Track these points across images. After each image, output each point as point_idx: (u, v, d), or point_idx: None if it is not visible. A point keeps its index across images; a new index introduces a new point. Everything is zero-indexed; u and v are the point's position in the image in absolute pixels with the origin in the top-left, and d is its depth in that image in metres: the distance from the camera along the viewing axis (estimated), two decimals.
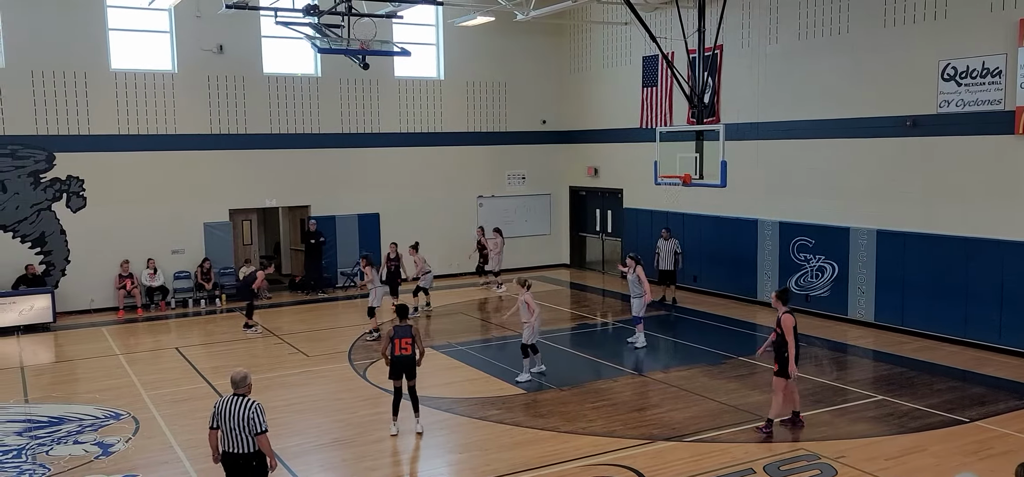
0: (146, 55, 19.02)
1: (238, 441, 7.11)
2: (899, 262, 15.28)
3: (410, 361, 10.15)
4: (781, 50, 17.28)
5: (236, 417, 7.07)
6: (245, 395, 7.21)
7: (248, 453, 7.13)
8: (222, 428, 7.17)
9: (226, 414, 7.13)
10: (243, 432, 7.08)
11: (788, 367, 9.95)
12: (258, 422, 7.09)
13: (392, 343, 10.11)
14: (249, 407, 7.12)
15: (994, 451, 9.38)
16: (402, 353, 10.10)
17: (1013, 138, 13.33)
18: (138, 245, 18.77)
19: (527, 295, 12.51)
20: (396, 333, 10.15)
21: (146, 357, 14.76)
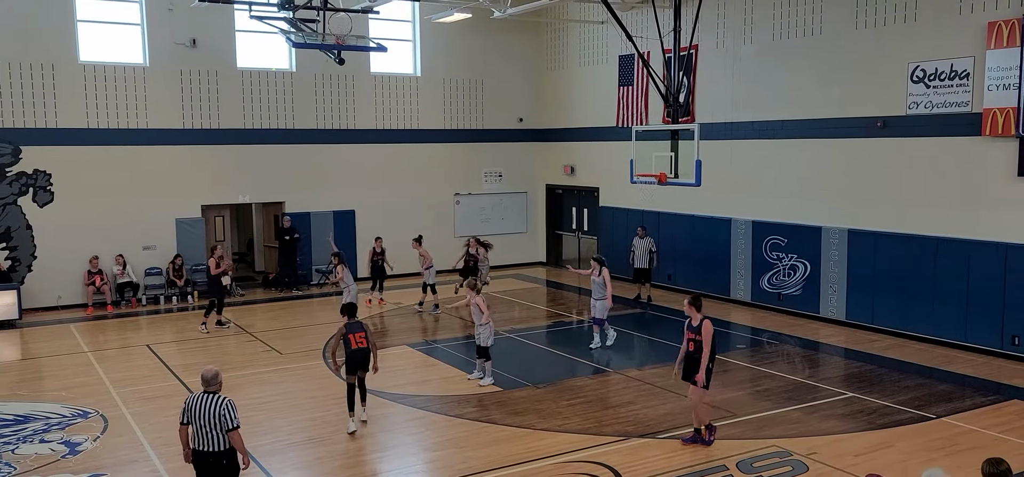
0: (116, 47, 18.73)
1: (210, 439, 7.04)
2: (870, 261, 15.50)
3: (365, 354, 10.43)
4: (755, 50, 17.44)
5: (208, 414, 7.01)
6: (216, 392, 7.14)
7: (220, 450, 7.06)
8: (193, 426, 7.09)
9: (197, 411, 7.05)
10: (215, 429, 7.02)
11: (700, 375, 9.53)
12: (230, 418, 7.04)
13: (346, 338, 10.39)
14: (221, 403, 7.06)
15: (960, 447, 9.56)
16: (358, 347, 10.36)
17: (980, 140, 13.57)
18: (108, 241, 18.49)
19: (478, 299, 12.37)
20: (348, 329, 10.44)
21: (116, 354, 14.55)
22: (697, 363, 9.58)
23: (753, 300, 17.86)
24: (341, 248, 18.25)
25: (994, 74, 13.15)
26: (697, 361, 9.59)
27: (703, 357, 9.54)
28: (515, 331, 16.04)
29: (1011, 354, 13.42)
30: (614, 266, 20.98)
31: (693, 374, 9.63)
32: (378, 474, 9.27)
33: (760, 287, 17.65)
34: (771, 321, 16.60)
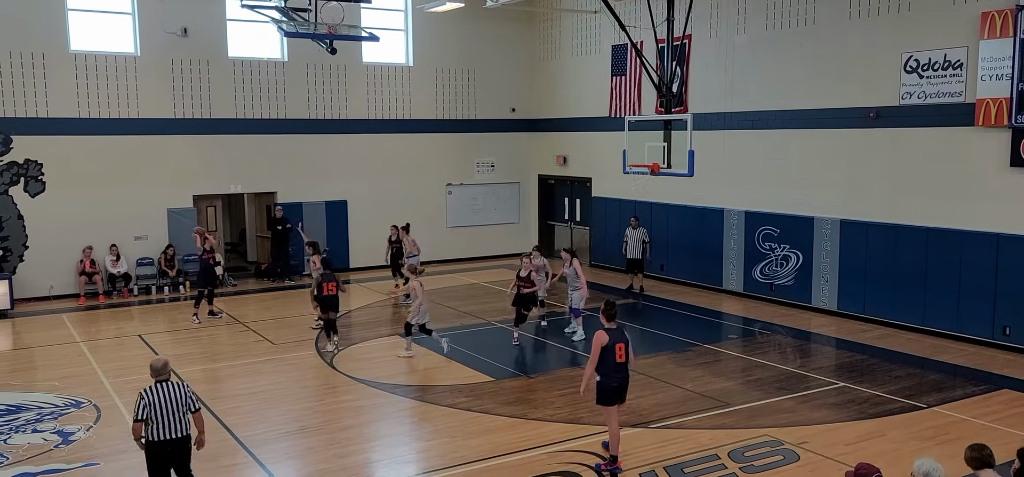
0: (107, 37, 18.61)
1: (180, 424, 7.15)
2: (861, 251, 15.55)
3: (334, 299, 13.63)
4: (749, 41, 17.44)
5: (176, 400, 7.12)
6: (168, 379, 7.25)
7: (187, 435, 7.24)
8: (156, 417, 7.08)
9: (162, 402, 7.09)
10: (184, 414, 7.19)
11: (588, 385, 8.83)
12: (194, 401, 7.29)
13: (320, 286, 13.54)
14: (184, 388, 7.25)
15: (950, 436, 9.61)
16: (329, 293, 13.55)
17: (973, 130, 13.61)
18: (99, 231, 18.41)
19: (417, 280, 13.36)
20: (323, 279, 13.63)
21: (108, 344, 14.51)
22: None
23: (745, 290, 17.90)
24: (329, 245, 18.24)
25: (987, 64, 13.18)
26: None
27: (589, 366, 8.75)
28: (507, 322, 16.03)
29: (1002, 344, 13.49)
30: (607, 257, 21.16)
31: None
32: (370, 464, 9.27)
33: (752, 277, 17.69)
34: (763, 311, 16.64)
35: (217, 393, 11.52)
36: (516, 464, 8.97)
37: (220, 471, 8.92)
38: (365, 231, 21.53)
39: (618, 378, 8.63)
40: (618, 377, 8.62)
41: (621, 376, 8.66)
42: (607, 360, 8.51)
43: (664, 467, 8.81)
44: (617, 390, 8.67)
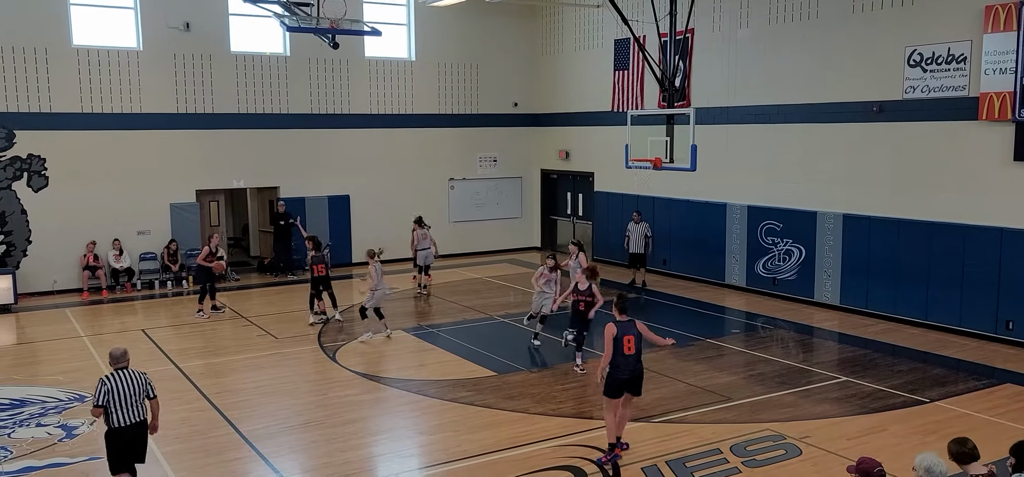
0: (110, 31, 18.61)
1: (138, 410, 7.38)
2: (864, 246, 15.52)
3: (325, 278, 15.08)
4: (751, 35, 17.39)
5: (136, 387, 7.37)
6: (127, 366, 7.45)
7: (144, 420, 7.47)
8: (117, 404, 7.28)
9: (122, 388, 7.30)
10: (143, 400, 7.42)
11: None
12: (152, 387, 7.50)
13: (312, 268, 15.05)
14: (142, 375, 7.47)
15: (953, 431, 9.57)
16: (319, 275, 14.95)
17: (976, 124, 13.57)
18: (103, 226, 18.44)
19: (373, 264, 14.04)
20: (313, 261, 15.00)
21: (112, 339, 14.51)
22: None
23: (748, 285, 17.89)
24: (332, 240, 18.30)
25: (991, 58, 13.14)
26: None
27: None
28: (509, 316, 16.06)
29: (1005, 339, 13.47)
30: (610, 251, 21.15)
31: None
32: (373, 458, 9.29)
33: (755, 272, 17.68)
34: (766, 306, 16.64)
35: (220, 387, 11.54)
36: (519, 458, 8.98)
37: (223, 465, 8.95)
38: (367, 226, 21.53)
39: (627, 370, 8.72)
40: (627, 369, 8.71)
41: (631, 368, 8.73)
42: (616, 351, 8.62)
43: (666, 462, 8.82)
44: (626, 382, 8.77)
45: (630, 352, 8.68)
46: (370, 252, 14.29)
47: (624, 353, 8.66)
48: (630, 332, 8.71)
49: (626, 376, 8.75)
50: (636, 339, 8.73)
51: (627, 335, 8.68)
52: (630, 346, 8.67)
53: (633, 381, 8.84)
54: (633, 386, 8.87)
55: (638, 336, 8.77)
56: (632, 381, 8.83)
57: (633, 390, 8.89)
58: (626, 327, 8.73)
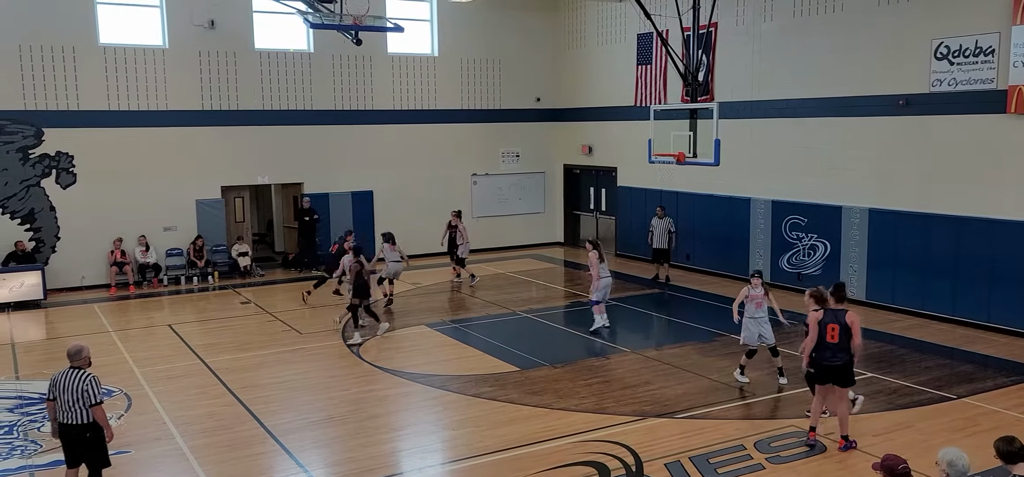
0: (136, 30, 18.84)
1: (73, 413, 7.34)
2: (891, 241, 15.34)
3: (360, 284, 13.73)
4: (776, 28, 17.23)
5: (71, 389, 7.31)
6: (81, 368, 7.44)
7: (83, 424, 7.37)
8: (58, 400, 7.37)
9: (62, 386, 7.35)
10: (78, 403, 7.32)
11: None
12: (93, 394, 7.35)
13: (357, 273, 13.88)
14: (84, 379, 7.36)
15: (981, 428, 9.48)
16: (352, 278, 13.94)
17: (1005, 117, 13.35)
18: (129, 222, 18.69)
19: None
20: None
21: (139, 334, 14.75)
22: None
23: (772, 280, 17.72)
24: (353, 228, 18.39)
25: (1020, 50, 12.91)
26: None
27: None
28: (532, 311, 16.07)
29: None
30: (633, 246, 21.08)
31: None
32: (396, 453, 9.35)
33: (780, 267, 17.53)
34: (790, 301, 16.42)
35: (245, 382, 11.67)
36: (541, 454, 8.99)
37: (249, 459, 9.05)
38: (391, 221, 21.61)
39: (827, 357, 8.76)
40: (827, 357, 8.75)
41: (830, 356, 8.74)
42: (820, 339, 8.74)
43: (689, 458, 8.79)
44: (828, 371, 8.80)
45: (833, 340, 8.70)
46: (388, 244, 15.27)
47: (826, 341, 8.72)
48: (834, 321, 8.72)
49: (825, 364, 8.79)
50: (840, 329, 8.70)
51: (830, 324, 8.71)
52: (833, 335, 8.70)
53: (834, 370, 8.81)
54: (836, 375, 8.84)
55: (843, 326, 8.71)
56: (833, 370, 8.80)
57: (836, 380, 8.87)
58: (831, 316, 8.76)
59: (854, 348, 8.81)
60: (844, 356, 8.80)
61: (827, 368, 8.82)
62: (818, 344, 8.79)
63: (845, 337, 8.72)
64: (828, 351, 8.76)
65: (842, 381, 8.89)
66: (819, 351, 8.81)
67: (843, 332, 8.71)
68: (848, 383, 8.96)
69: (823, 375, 8.89)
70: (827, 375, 8.86)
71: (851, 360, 8.88)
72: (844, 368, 8.84)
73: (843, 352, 8.77)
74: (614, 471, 8.49)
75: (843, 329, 8.71)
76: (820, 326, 8.74)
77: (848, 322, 8.74)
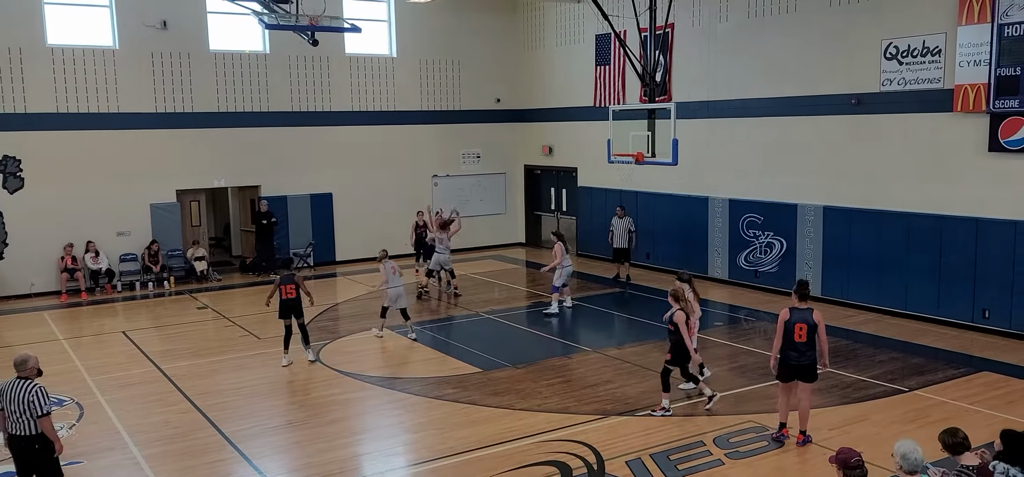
0: (85, 30, 18.40)
1: (20, 423, 7.20)
2: (844, 238, 15.66)
3: (295, 303, 12.42)
4: (731, 28, 17.47)
5: (17, 400, 7.18)
6: (28, 378, 7.29)
7: (30, 435, 7.23)
8: (7, 411, 7.23)
9: (8, 397, 7.20)
10: (24, 415, 7.18)
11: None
12: (39, 405, 7.20)
13: (278, 289, 12.45)
14: (30, 390, 7.21)
15: (931, 419, 9.73)
16: (288, 297, 12.39)
17: (952, 116, 13.72)
18: (81, 227, 18.25)
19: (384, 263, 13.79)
20: (282, 280, 12.50)
21: (91, 342, 14.40)
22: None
23: (730, 278, 18.00)
24: (315, 238, 18.22)
25: (965, 50, 13.29)
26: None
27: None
28: (494, 312, 16.07)
29: (981, 327, 13.65)
30: (594, 246, 21.21)
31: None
32: (357, 457, 9.27)
33: (737, 265, 17.79)
34: (748, 298, 16.74)
35: (202, 388, 11.47)
36: (504, 454, 8.99)
37: (206, 467, 8.90)
38: (351, 224, 21.47)
39: (794, 357, 8.90)
40: (794, 356, 8.89)
41: (798, 356, 8.88)
42: (788, 338, 8.88)
43: (650, 455, 8.86)
44: (795, 368, 8.92)
45: (800, 340, 8.83)
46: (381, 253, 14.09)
47: (794, 340, 8.84)
48: (802, 320, 8.86)
49: (792, 362, 8.93)
50: (808, 328, 8.84)
51: (798, 323, 8.84)
52: (800, 334, 8.82)
53: (801, 369, 8.94)
54: (801, 373, 8.97)
55: (810, 325, 8.86)
56: (800, 369, 8.94)
57: (801, 376, 8.99)
58: (799, 315, 8.89)
59: (822, 346, 8.96)
60: (811, 354, 8.93)
61: (794, 367, 8.95)
62: (786, 343, 8.91)
63: (812, 336, 8.87)
64: (795, 351, 8.90)
65: (808, 377, 9.02)
66: (786, 351, 8.94)
67: (810, 331, 8.86)
68: (813, 379, 9.09)
69: (789, 373, 9.01)
70: (793, 373, 9.00)
71: (816, 358, 9.01)
72: (811, 366, 8.98)
73: (810, 350, 8.91)
74: (576, 470, 8.53)
75: (810, 328, 8.86)
76: (787, 326, 8.89)
77: (815, 321, 8.89)
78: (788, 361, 8.94)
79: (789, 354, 8.91)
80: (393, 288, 13.74)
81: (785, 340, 8.90)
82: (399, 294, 13.87)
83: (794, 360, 8.92)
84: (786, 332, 8.88)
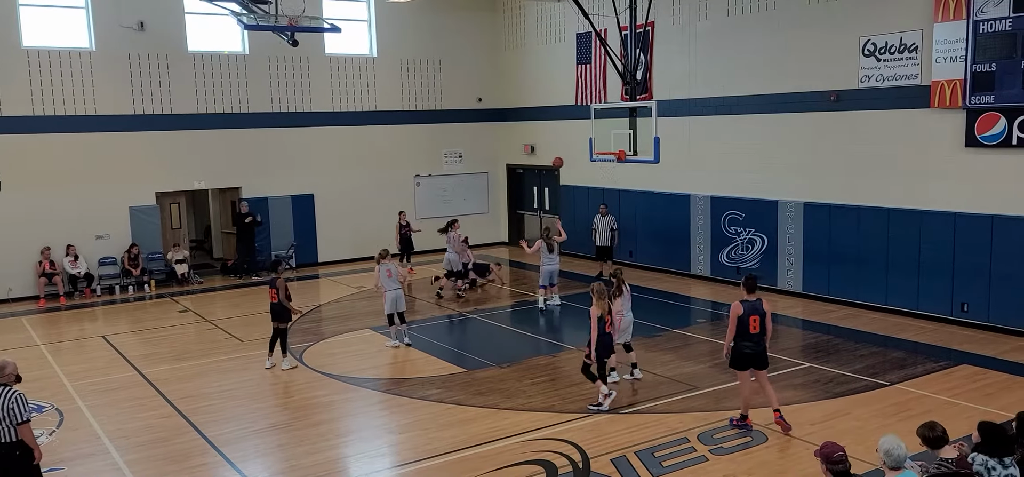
0: (61, 32, 18.19)
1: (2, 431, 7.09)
2: (824, 233, 15.80)
3: (276, 307, 12.22)
4: (711, 27, 17.56)
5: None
6: (6, 385, 7.21)
7: (10, 442, 7.14)
8: None
9: None
10: (4, 422, 7.09)
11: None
12: (19, 412, 7.11)
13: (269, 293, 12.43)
14: (9, 397, 7.12)
15: (912, 413, 9.83)
16: (271, 301, 12.32)
17: (929, 112, 13.88)
18: (59, 231, 18.03)
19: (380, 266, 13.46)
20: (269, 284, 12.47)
21: (70, 347, 14.24)
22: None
23: (713, 274, 18.10)
24: (297, 239, 18.10)
25: (941, 47, 13.44)
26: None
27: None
28: (479, 312, 16.06)
29: (960, 320, 13.81)
30: (576, 244, 21.24)
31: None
32: (342, 459, 9.23)
33: (719, 261, 17.89)
34: (730, 295, 16.70)
35: (185, 392, 11.37)
36: (489, 454, 8.99)
37: (188, 471, 8.82)
38: (333, 225, 21.37)
39: (749, 347, 9.20)
40: (749, 345, 9.20)
41: (753, 345, 9.20)
42: (742, 329, 9.17)
43: (635, 452, 8.89)
44: (750, 356, 9.24)
45: (755, 331, 9.14)
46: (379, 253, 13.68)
47: (750, 332, 9.15)
48: (755, 312, 9.16)
49: (748, 352, 9.22)
50: (761, 319, 9.18)
51: (752, 315, 9.14)
52: (754, 325, 9.13)
53: (756, 357, 9.27)
54: (756, 361, 9.29)
55: (763, 316, 9.19)
56: (755, 357, 9.26)
57: (756, 364, 9.31)
58: (751, 307, 9.17)
59: (769, 331, 9.36)
60: (763, 342, 9.30)
61: (750, 356, 9.27)
62: (740, 334, 9.22)
63: (763, 324, 9.23)
64: (750, 341, 9.21)
65: (762, 364, 9.35)
66: (740, 341, 9.25)
67: (762, 320, 9.22)
68: (767, 365, 9.43)
69: (746, 362, 9.31)
70: (749, 362, 9.31)
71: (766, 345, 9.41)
72: (764, 353, 9.35)
73: (763, 338, 9.28)
74: (561, 469, 8.54)
75: (762, 317, 9.21)
76: (741, 319, 9.19)
77: (765, 310, 9.26)
78: (744, 351, 9.26)
79: (744, 345, 9.24)
80: (389, 292, 13.35)
81: (740, 331, 9.22)
82: (395, 298, 13.41)
83: (750, 349, 9.23)
84: (741, 324, 9.20)
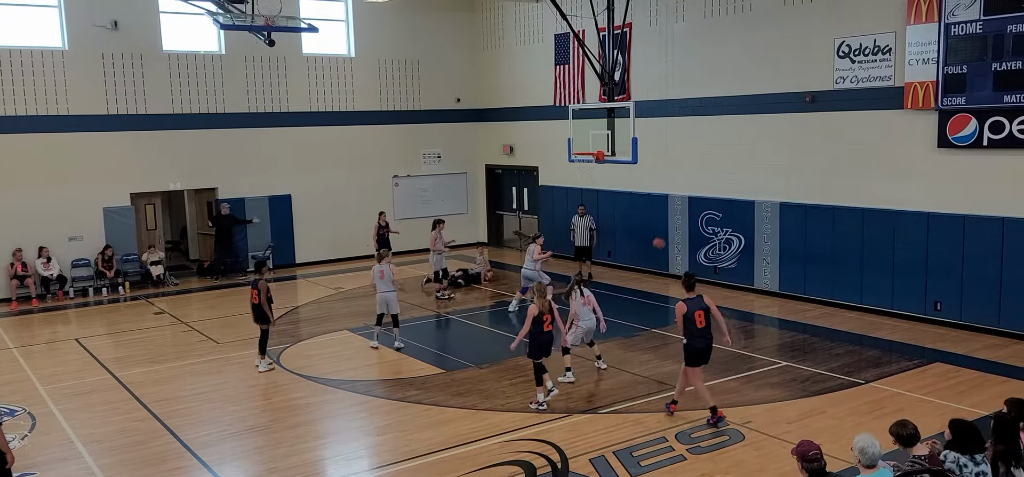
0: (32, 31, 17.91)
1: None
2: (800, 233, 15.95)
3: (255, 308, 12.25)
4: (688, 28, 17.67)
5: None
6: None
7: None
8: None
9: None
10: None
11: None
12: None
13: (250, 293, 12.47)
14: None
15: (886, 411, 9.94)
16: (251, 302, 12.35)
17: (902, 113, 14.05)
18: (30, 232, 17.76)
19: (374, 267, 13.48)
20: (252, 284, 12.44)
21: (43, 350, 14.03)
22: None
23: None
24: (275, 240, 17.97)
25: (914, 49, 13.62)
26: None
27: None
28: (457, 312, 16.03)
29: (934, 319, 14.00)
30: (555, 244, 21.26)
31: None
32: (319, 461, 9.17)
33: (697, 261, 18.00)
34: (708, 294, 16.85)
35: (160, 395, 11.24)
36: (468, 455, 8.98)
37: (165, 475, 8.74)
38: (311, 225, 21.24)
39: (701, 342, 9.49)
40: (701, 341, 9.48)
41: (701, 341, 9.48)
42: (690, 326, 9.40)
43: (614, 452, 8.92)
44: (702, 352, 9.54)
45: (701, 325, 9.43)
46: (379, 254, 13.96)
47: (697, 327, 9.42)
48: (700, 307, 9.47)
49: (700, 347, 9.52)
50: (706, 313, 9.49)
51: (697, 310, 9.44)
52: (701, 320, 9.43)
53: (706, 352, 9.61)
54: (706, 356, 9.63)
55: (707, 310, 9.50)
56: (706, 352, 9.61)
57: (705, 360, 9.65)
58: (695, 303, 9.48)
59: (723, 325, 9.66)
60: (710, 336, 9.58)
61: (700, 351, 9.54)
62: (688, 331, 9.45)
63: (709, 320, 9.52)
64: (701, 337, 9.50)
65: (707, 359, 9.69)
66: (690, 338, 9.47)
67: (707, 316, 9.51)
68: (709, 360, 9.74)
69: (699, 358, 9.57)
70: (701, 357, 9.58)
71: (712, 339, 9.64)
72: (710, 348, 9.66)
73: (709, 333, 9.55)
74: (540, 469, 8.55)
75: (706, 312, 9.50)
76: (687, 317, 9.43)
77: (708, 304, 9.55)
78: (697, 347, 9.51)
79: (697, 341, 9.48)
80: (380, 294, 13.23)
81: (689, 329, 9.43)
82: (388, 300, 13.25)
83: (701, 344, 9.52)
84: (688, 321, 9.41)
